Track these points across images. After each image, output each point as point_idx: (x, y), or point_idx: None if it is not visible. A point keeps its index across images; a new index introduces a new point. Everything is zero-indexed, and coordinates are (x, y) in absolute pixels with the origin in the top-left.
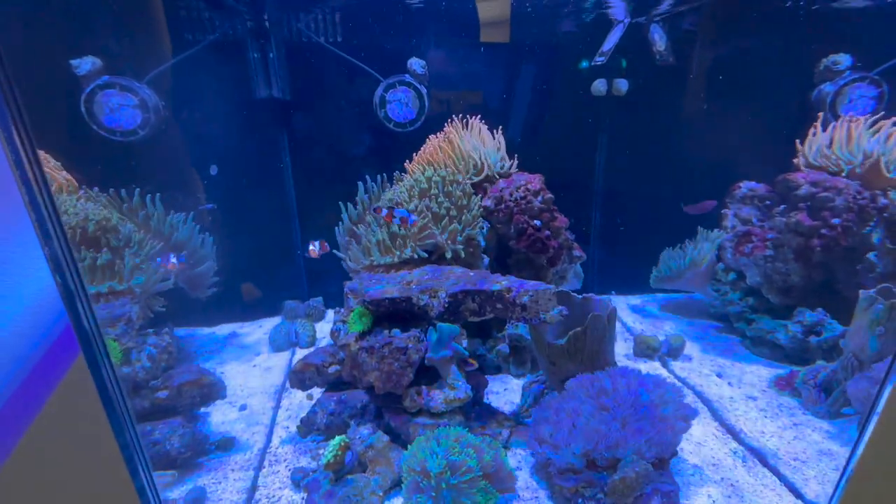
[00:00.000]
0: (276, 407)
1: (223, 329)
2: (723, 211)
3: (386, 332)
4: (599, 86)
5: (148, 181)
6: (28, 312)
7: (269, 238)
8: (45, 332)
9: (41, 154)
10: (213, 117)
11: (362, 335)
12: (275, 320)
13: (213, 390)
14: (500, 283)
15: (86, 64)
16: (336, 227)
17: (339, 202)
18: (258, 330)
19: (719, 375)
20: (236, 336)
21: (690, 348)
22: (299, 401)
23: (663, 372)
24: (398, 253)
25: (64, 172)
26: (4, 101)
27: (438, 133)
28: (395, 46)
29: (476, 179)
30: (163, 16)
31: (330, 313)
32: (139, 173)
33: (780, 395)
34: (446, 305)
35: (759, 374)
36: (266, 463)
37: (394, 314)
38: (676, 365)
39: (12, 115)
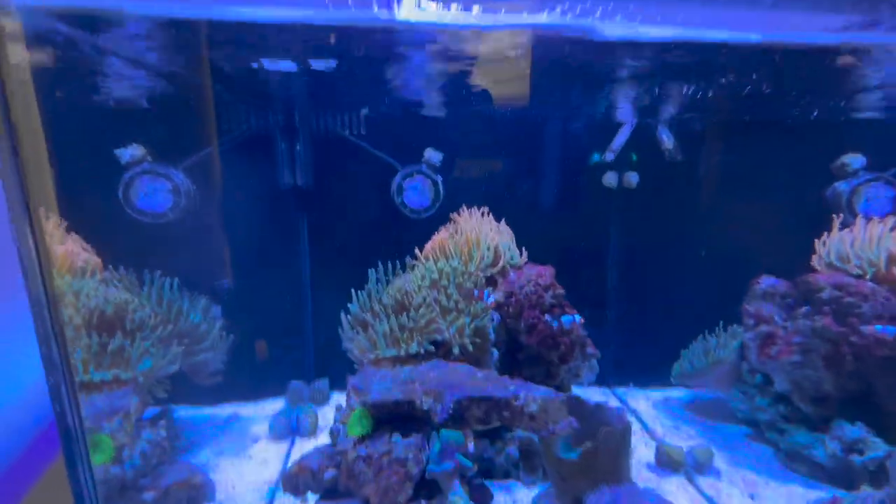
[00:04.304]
0: None
1: (225, 409)
2: (743, 307)
3: (386, 436)
4: (611, 178)
5: (168, 260)
6: (27, 396)
7: (282, 319)
8: (36, 422)
9: (69, 244)
10: (238, 202)
11: (361, 439)
12: (279, 401)
13: (202, 492)
14: (508, 388)
15: (127, 153)
16: (343, 314)
17: (352, 288)
18: (260, 412)
19: (752, 497)
20: (237, 419)
21: (718, 460)
22: (292, 503)
23: (690, 489)
24: (404, 346)
25: (87, 255)
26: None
27: (450, 223)
28: (413, 140)
29: (491, 272)
30: (204, 110)
31: (334, 397)
32: (161, 252)
33: None
34: (451, 412)
35: (797, 494)
36: None
37: (396, 416)
38: (704, 482)
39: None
